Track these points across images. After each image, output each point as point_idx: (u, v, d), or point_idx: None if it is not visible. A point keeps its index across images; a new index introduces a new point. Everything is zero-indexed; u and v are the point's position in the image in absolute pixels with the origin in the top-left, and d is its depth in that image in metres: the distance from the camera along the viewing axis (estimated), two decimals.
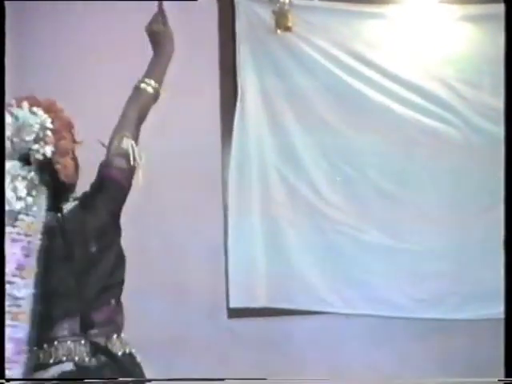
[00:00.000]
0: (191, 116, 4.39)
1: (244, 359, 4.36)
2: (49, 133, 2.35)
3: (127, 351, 2.46)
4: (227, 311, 4.40)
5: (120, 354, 2.43)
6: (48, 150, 2.34)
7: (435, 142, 4.38)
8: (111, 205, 2.51)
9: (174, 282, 4.25)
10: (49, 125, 2.35)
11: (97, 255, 2.43)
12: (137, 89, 2.66)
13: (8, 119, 2.32)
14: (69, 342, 2.36)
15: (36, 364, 2.32)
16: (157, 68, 2.74)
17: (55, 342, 2.35)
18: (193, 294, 4.25)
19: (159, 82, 2.71)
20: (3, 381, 2.44)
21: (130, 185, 2.55)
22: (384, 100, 4.39)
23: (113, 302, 2.47)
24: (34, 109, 2.36)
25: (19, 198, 2.28)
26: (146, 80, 2.68)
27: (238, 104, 4.44)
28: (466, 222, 4.35)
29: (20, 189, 2.28)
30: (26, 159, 2.33)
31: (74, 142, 2.48)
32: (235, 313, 4.38)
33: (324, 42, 4.40)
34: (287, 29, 4.33)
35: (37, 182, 2.33)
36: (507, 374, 2.91)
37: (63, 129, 2.41)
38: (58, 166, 2.37)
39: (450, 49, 4.43)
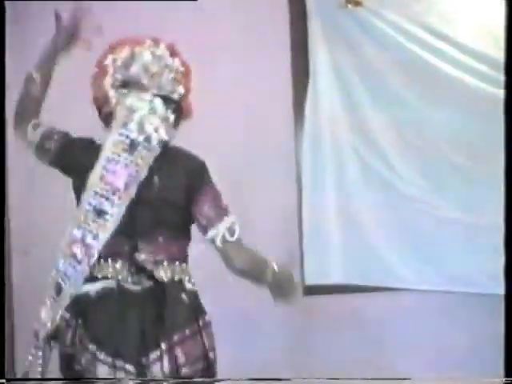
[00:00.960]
0: (263, 94, 4.40)
1: (319, 337, 4.37)
2: (180, 74, 2.58)
3: (176, 279, 2.53)
4: (302, 288, 4.41)
5: (166, 280, 2.51)
6: (181, 89, 2.57)
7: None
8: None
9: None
10: (180, 67, 2.59)
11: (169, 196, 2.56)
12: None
13: (148, 56, 2.52)
14: (119, 261, 2.50)
15: (88, 276, 2.50)
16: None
17: (109, 259, 2.50)
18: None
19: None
20: (3, 381, 2.89)
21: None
22: (458, 74, 4.32)
23: (164, 234, 2.54)
24: (166, 50, 2.58)
25: (143, 131, 2.50)
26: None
27: (310, 81, 4.45)
28: None
29: (149, 122, 2.50)
30: (163, 97, 2.54)
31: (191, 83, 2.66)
32: (310, 290, 4.38)
33: (396, 16, 4.35)
34: (358, 3, 4.31)
35: (168, 119, 2.56)
36: (507, 374, 2.88)
37: (188, 71, 2.63)
38: (184, 105, 2.61)
39: None
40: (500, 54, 4.27)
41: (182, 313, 2.49)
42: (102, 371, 2.39)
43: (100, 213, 2.46)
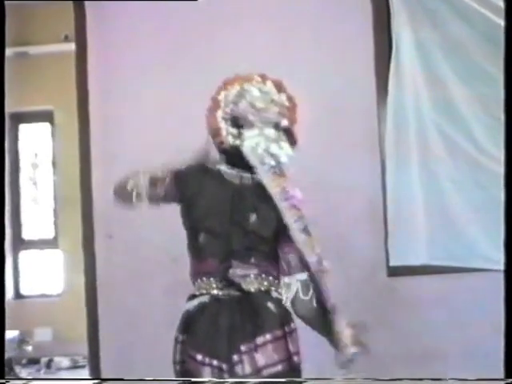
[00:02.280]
0: (345, 72, 4.37)
1: (404, 319, 4.32)
2: (285, 109, 2.80)
3: (263, 289, 2.74)
4: (387, 269, 4.37)
5: (253, 290, 2.72)
6: (285, 122, 2.77)
7: None
8: None
9: (334, 241, 4.24)
10: (285, 102, 2.81)
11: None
12: None
13: (255, 92, 2.77)
14: (211, 279, 2.76)
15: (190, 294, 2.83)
16: None
17: (203, 278, 2.79)
18: (352, 253, 4.23)
19: None
20: (3, 381, 3.04)
21: None
22: None
23: (255, 257, 2.75)
24: (272, 86, 2.81)
25: (277, 157, 2.75)
26: None
27: (393, 58, 4.37)
28: None
29: (284, 147, 2.76)
30: (275, 127, 2.77)
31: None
32: (395, 271, 4.33)
33: None
34: None
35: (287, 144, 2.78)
36: (507, 374, 2.78)
37: (293, 105, 2.83)
38: (293, 134, 2.81)
39: None
40: None
41: (266, 319, 2.70)
42: (206, 374, 2.65)
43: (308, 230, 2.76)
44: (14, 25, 3.34)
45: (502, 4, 4.18)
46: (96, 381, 3.99)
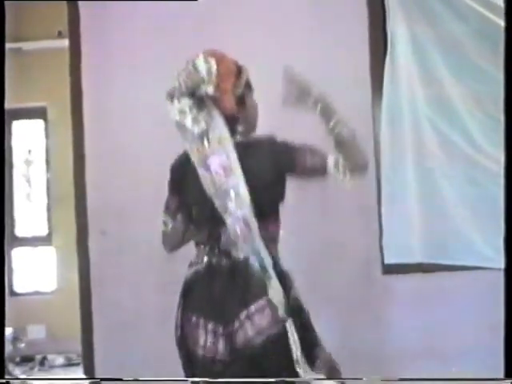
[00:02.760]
0: (340, 70, 4.36)
1: (399, 317, 4.33)
2: (213, 76, 2.85)
3: (247, 256, 2.83)
4: (382, 267, 4.36)
5: (241, 257, 2.84)
6: (210, 89, 2.84)
7: None
8: (271, 163, 2.94)
9: (328, 238, 4.24)
10: (213, 70, 2.85)
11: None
12: None
13: (189, 67, 2.88)
14: (206, 248, 2.93)
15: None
16: None
17: (200, 246, 2.97)
18: (347, 251, 4.24)
19: None
20: (3, 381, 3.09)
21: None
22: None
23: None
24: (208, 58, 2.88)
25: (194, 123, 2.85)
26: None
27: (388, 55, 4.36)
28: None
29: (193, 116, 2.85)
30: (193, 95, 2.85)
31: (236, 84, 2.93)
32: (390, 269, 4.33)
33: None
34: None
35: (204, 110, 2.86)
36: (507, 374, 2.78)
37: (226, 74, 2.88)
38: (219, 102, 2.87)
39: None
40: None
41: (257, 285, 2.82)
42: (201, 336, 2.82)
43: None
44: (7, 21, 3.34)
45: (497, 2, 4.18)
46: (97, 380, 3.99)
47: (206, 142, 2.85)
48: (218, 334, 2.81)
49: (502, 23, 4.16)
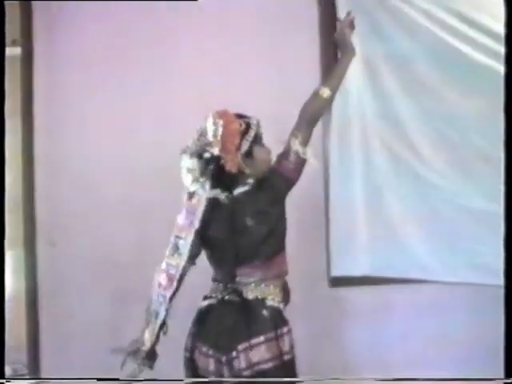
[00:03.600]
0: (291, 81, 4.38)
1: (347, 329, 4.36)
2: (219, 138, 3.07)
3: (259, 297, 3.16)
4: (329, 280, 4.39)
5: (251, 297, 3.14)
6: (215, 150, 3.07)
7: None
8: (273, 193, 3.23)
9: None
10: (219, 132, 3.07)
11: (252, 227, 3.15)
12: (315, 94, 3.36)
13: (200, 128, 3.12)
14: (220, 285, 3.20)
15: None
16: (334, 78, 3.46)
17: (215, 283, 3.23)
18: (294, 264, 4.24)
19: (334, 90, 3.38)
20: (3, 381, 3.23)
21: (296, 178, 3.30)
22: (489, 62, 4.25)
23: (256, 262, 3.17)
24: (217, 120, 3.09)
25: (193, 182, 3.11)
26: (323, 87, 3.36)
27: None
28: None
29: (193, 177, 3.11)
30: (199, 156, 3.10)
31: (241, 144, 3.15)
32: (337, 282, 4.36)
33: (426, 3, 4.27)
34: None
35: (205, 171, 3.11)
36: (507, 374, 2.84)
37: (231, 136, 3.10)
38: (222, 162, 3.09)
39: None
40: None
41: (260, 324, 3.13)
42: (210, 363, 3.14)
43: (174, 248, 3.16)
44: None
45: (448, 20, 4.25)
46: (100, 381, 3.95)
47: (192, 198, 3.14)
48: (223, 363, 3.11)
49: (452, 41, 4.24)
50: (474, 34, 4.24)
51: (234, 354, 3.09)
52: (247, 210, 3.17)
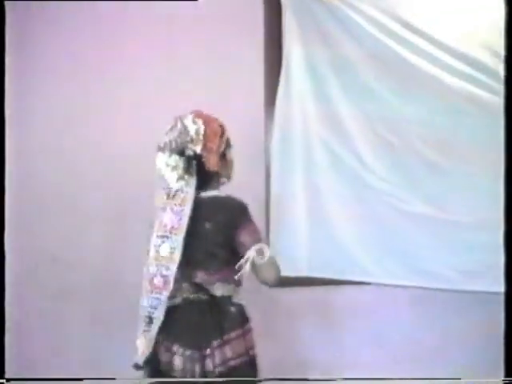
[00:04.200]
0: (235, 85, 4.39)
1: (285, 329, 4.36)
2: (200, 137, 3.19)
3: (226, 294, 3.21)
4: None
5: (218, 295, 3.20)
6: (197, 148, 3.18)
7: (481, 111, 4.29)
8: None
9: None
10: (201, 131, 3.20)
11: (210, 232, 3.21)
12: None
13: (178, 126, 3.21)
14: (183, 284, 3.21)
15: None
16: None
17: (178, 283, 3.19)
18: None
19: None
20: (3, 381, 3.21)
21: None
22: (431, 68, 4.32)
23: (215, 263, 3.21)
24: (196, 119, 3.22)
25: (178, 180, 3.19)
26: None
27: (283, 72, 4.44)
28: None
29: (179, 175, 3.18)
30: (181, 154, 3.18)
31: (220, 144, 3.29)
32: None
33: (371, 9, 4.34)
34: None
35: (189, 169, 3.19)
36: (507, 374, 2.89)
37: (212, 135, 3.23)
38: (203, 160, 3.20)
39: (497, 15, 4.33)
40: (475, 52, 4.29)
41: (229, 320, 3.20)
42: (177, 363, 3.16)
43: (166, 249, 3.17)
44: None
45: (391, 25, 4.30)
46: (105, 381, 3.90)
47: (175, 197, 3.18)
48: (195, 359, 3.14)
49: (395, 47, 4.29)
50: (418, 41, 4.31)
51: (209, 351, 3.14)
52: (209, 214, 3.22)
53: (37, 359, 4.37)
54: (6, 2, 3.44)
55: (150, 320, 3.16)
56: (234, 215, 3.23)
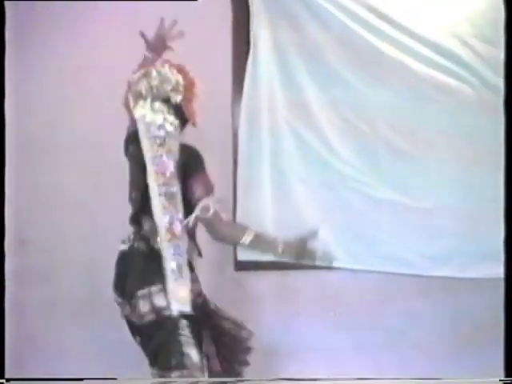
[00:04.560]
0: (203, 69, 4.36)
1: (251, 312, 4.37)
2: (180, 87, 3.29)
3: (156, 246, 3.17)
4: (235, 264, 4.40)
5: (155, 246, 3.18)
6: (179, 98, 3.27)
7: (449, 99, 4.33)
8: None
9: None
10: (181, 81, 3.30)
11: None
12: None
13: (153, 73, 3.26)
14: (133, 227, 3.31)
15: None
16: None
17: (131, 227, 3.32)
18: (201, 247, 4.25)
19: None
20: (3, 381, 3.18)
21: None
22: (398, 55, 4.34)
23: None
24: (173, 70, 3.31)
25: (162, 127, 3.21)
26: None
27: (250, 57, 4.43)
28: (478, 180, 4.30)
29: (168, 119, 3.22)
30: (165, 101, 3.25)
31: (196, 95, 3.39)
32: (243, 266, 4.37)
33: None
34: None
35: (176, 116, 3.26)
36: (507, 374, 2.92)
37: (189, 84, 3.33)
38: (184, 109, 3.31)
39: (466, 4, 4.36)
40: (444, 40, 4.31)
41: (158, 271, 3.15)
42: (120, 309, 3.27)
43: (170, 195, 3.16)
44: None
45: (360, 11, 4.31)
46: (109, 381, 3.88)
47: (164, 144, 3.19)
48: (126, 307, 3.22)
49: (363, 33, 4.30)
50: (386, 27, 4.32)
51: (133, 300, 3.16)
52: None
53: None
54: (6, 2, 3.43)
55: (180, 267, 3.16)
56: (190, 164, 3.27)
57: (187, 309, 3.13)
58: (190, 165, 3.26)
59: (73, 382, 3.63)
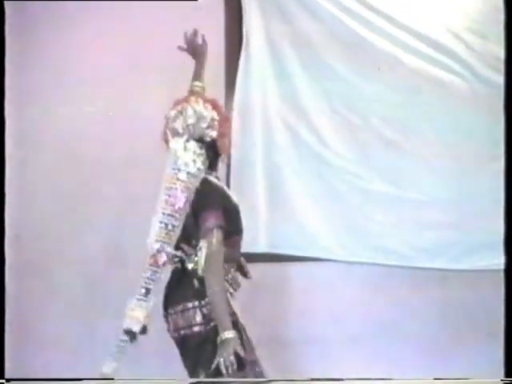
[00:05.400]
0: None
1: (243, 304, 4.38)
2: (215, 122, 3.32)
3: (194, 267, 3.24)
4: None
5: (190, 267, 3.26)
6: (214, 134, 3.31)
7: (440, 92, 4.34)
8: None
9: None
10: (216, 117, 3.33)
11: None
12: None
13: (189, 111, 3.30)
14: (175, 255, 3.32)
15: None
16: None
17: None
18: None
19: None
20: (3, 381, 3.23)
21: None
22: (390, 48, 4.35)
23: (193, 241, 3.27)
24: (206, 104, 3.35)
25: (194, 164, 3.26)
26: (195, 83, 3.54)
27: (243, 50, 4.44)
28: (469, 172, 4.31)
29: (197, 160, 3.26)
30: (199, 140, 3.30)
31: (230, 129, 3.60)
32: None
33: None
34: None
35: (207, 155, 3.31)
36: (507, 374, 2.93)
37: (223, 120, 3.39)
38: (218, 144, 3.36)
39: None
40: (437, 33, 4.32)
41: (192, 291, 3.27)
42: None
43: (171, 227, 3.24)
44: None
45: (352, 4, 4.32)
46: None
47: (184, 180, 3.24)
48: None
49: (356, 27, 4.31)
50: (379, 21, 4.33)
51: (166, 316, 3.32)
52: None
53: None
54: (5, 2, 3.44)
55: (147, 291, 3.23)
56: (201, 198, 3.30)
57: (136, 329, 3.18)
58: (205, 198, 3.29)
59: (73, 382, 3.64)
